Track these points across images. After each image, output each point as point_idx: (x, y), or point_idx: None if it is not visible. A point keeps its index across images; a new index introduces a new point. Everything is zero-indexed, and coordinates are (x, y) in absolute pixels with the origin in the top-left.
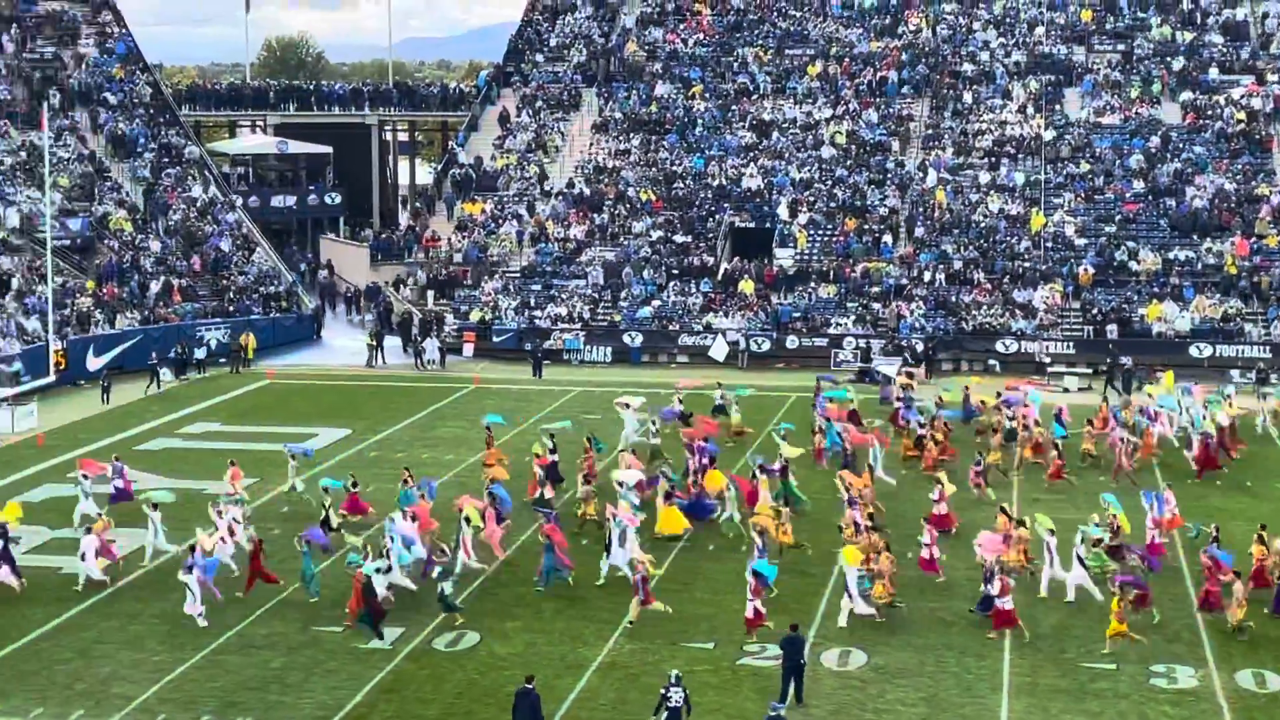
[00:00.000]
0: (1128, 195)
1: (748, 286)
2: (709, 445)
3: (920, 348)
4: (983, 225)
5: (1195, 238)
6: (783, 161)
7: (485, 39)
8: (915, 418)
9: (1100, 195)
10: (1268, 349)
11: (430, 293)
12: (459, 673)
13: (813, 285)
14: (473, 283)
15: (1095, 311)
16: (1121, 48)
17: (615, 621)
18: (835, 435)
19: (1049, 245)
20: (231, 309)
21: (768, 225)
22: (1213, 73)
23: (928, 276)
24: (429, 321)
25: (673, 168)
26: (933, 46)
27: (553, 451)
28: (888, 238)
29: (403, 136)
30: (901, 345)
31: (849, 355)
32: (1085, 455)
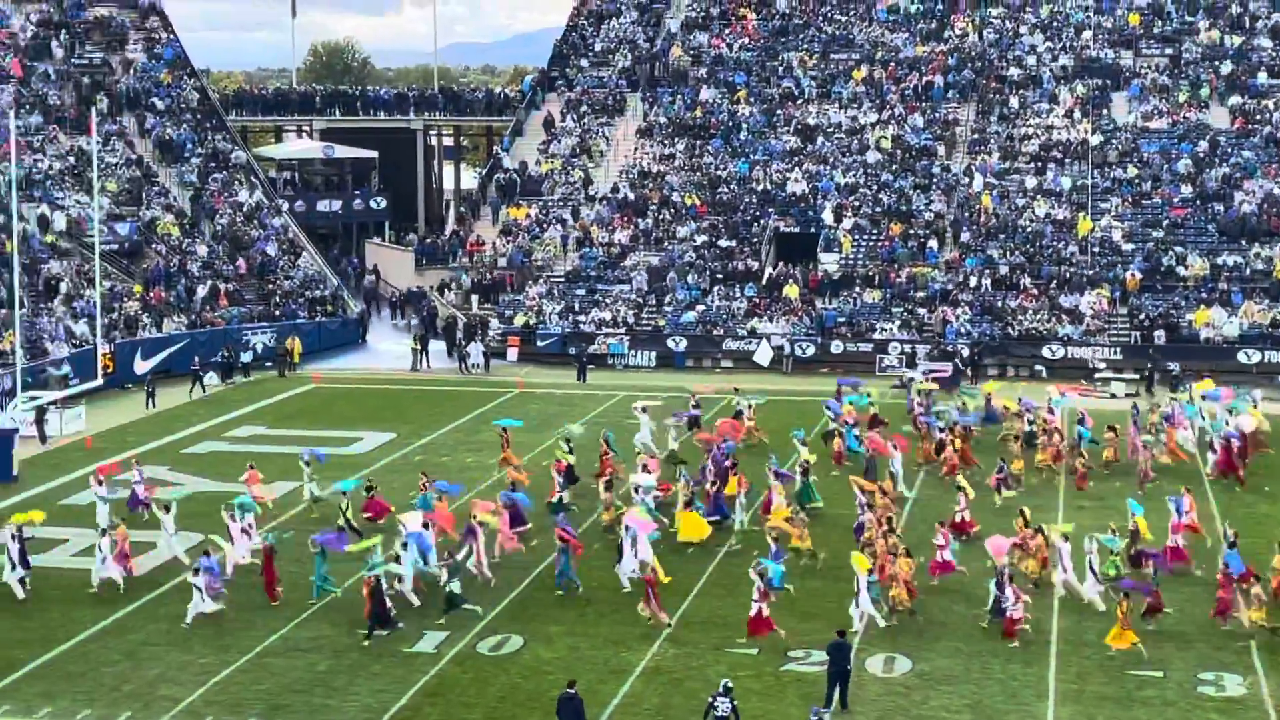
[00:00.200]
0: (1175, 200)
1: (792, 291)
2: (728, 444)
3: (966, 353)
4: (1029, 230)
5: (1243, 243)
6: (828, 166)
7: (530, 44)
8: (934, 423)
9: (1148, 200)
10: None
11: (475, 297)
12: (503, 677)
13: (858, 290)
14: (517, 287)
15: (1142, 317)
16: (1169, 52)
17: (657, 626)
18: (853, 439)
19: (1096, 250)
20: (277, 313)
21: (812, 230)
22: (1261, 77)
23: (973, 281)
24: (473, 326)
25: (717, 172)
26: (979, 51)
27: (569, 454)
28: (933, 243)
29: (448, 141)
30: (947, 351)
31: (894, 360)
32: (1107, 462)
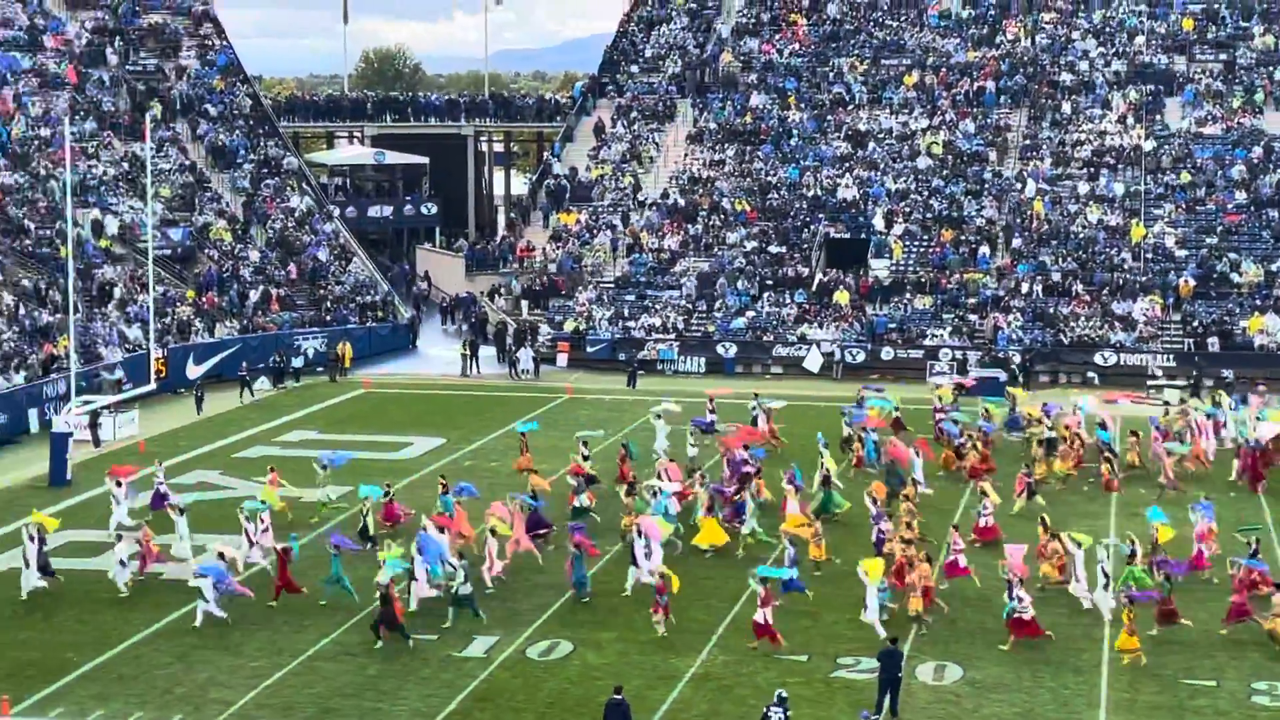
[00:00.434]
0: (1229, 206)
1: (842, 297)
2: (757, 452)
3: (1018, 360)
4: (1081, 236)
5: None
6: (878, 172)
7: (580, 50)
8: (952, 429)
9: (1201, 206)
10: None
11: (525, 303)
12: (551, 682)
13: (908, 296)
14: (567, 293)
15: (1196, 324)
16: (1224, 57)
17: (708, 632)
18: (872, 445)
19: (1149, 257)
20: (328, 318)
21: (863, 236)
22: None
23: (1025, 288)
24: (523, 331)
25: (767, 178)
26: (1031, 56)
27: (586, 459)
28: (985, 249)
29: (498, 147)
30: (999, 357)
31: (945, 367)
32: (1129, 466)
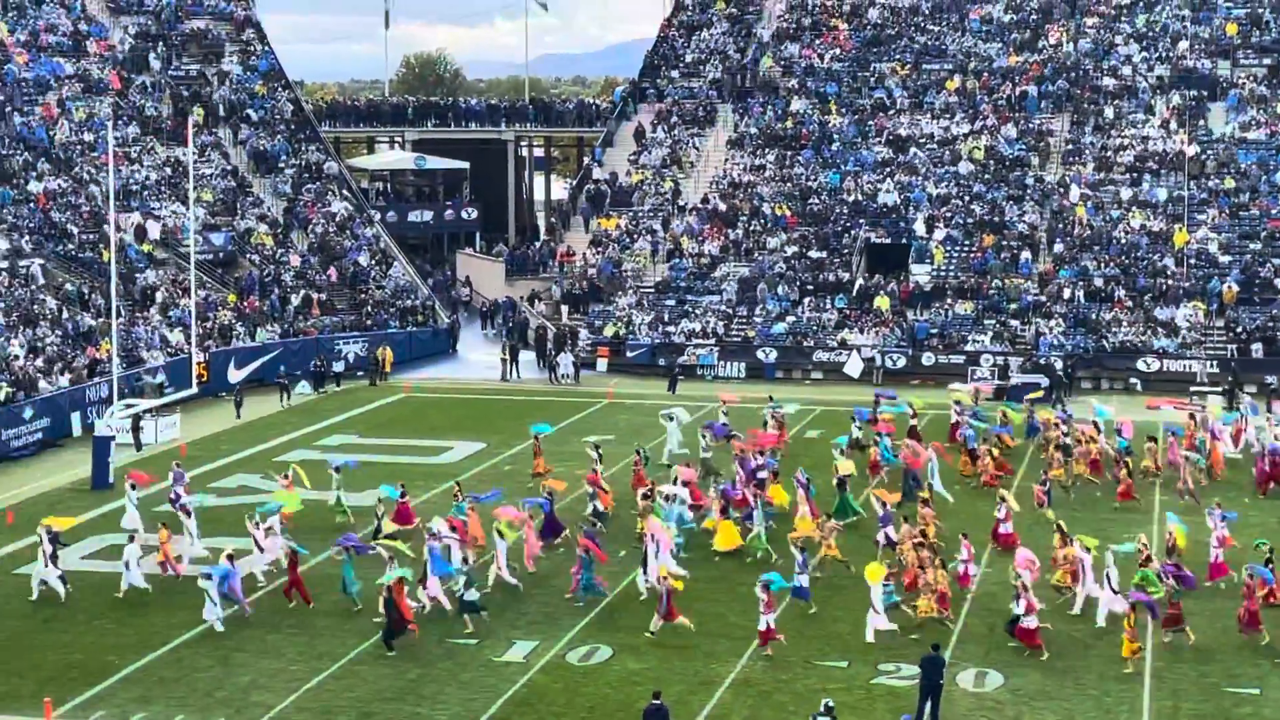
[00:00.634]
0: (1273, 211)
1: (883, 303)
2: (770, 460)
3: (1059, 366)
4: (1124, 242)
5: None
6: (919, 177)
7: (621, 55)
8: (969, 434)
9: (1245, 212)
10: None
11: (564, 307)
12: (591, 687)
13: (949, 302)
14: (607, 298)
15: (1239, 330)
16: (1268, 62)
17: (748, 638)
18: (886, 449)
19: (1192, 262)
20: (369, 323)
21: (904, 241)
22: None
23: (1067, 293)
24: (563, 336)
25: (808, 183)
26: (1073, 61)
27: (599, 463)
28: (1026, 254)
29: (539, 152)
30: (1040, 363)
31: (986, 373)
32: (1146, 472)
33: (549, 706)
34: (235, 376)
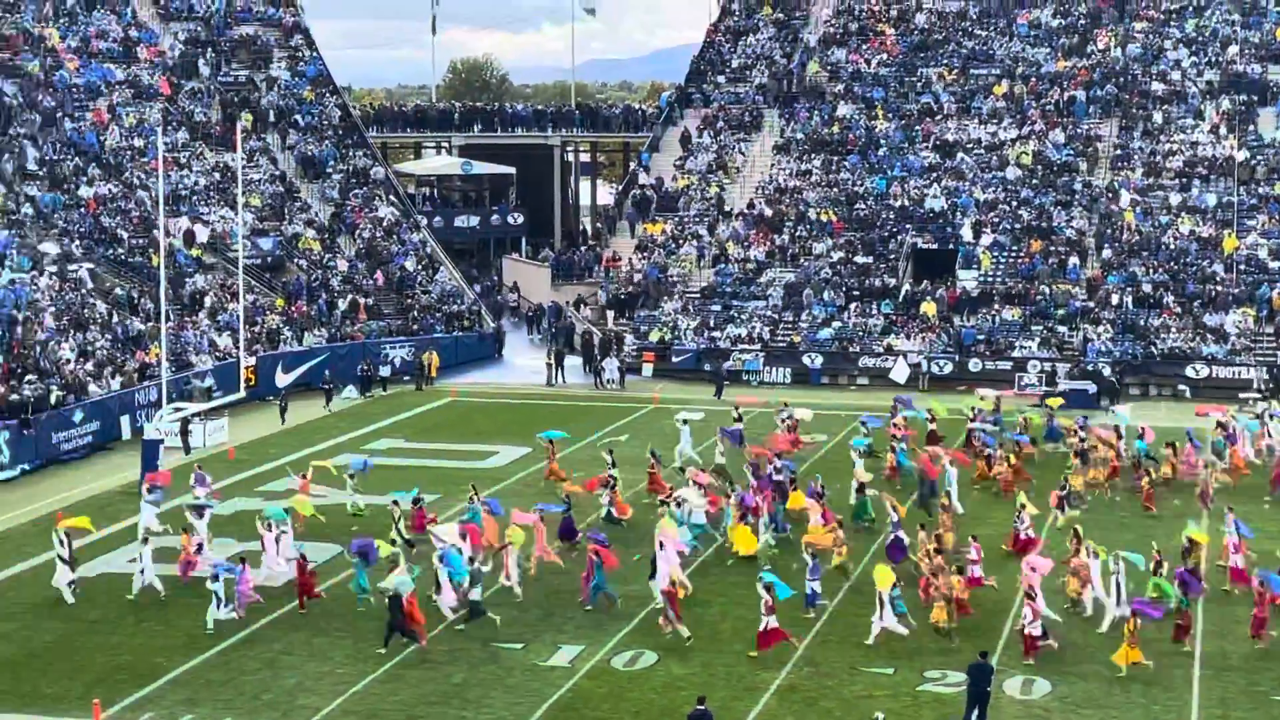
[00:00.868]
0: None
1: (930, 308)
2: (789, 465)
3: (1107, 372)
4: (1173, 248)
5: None
6: (967, 182)
7: (667, 60)
8: (988, 440)
9: None
10: None
11: (610, 312)
12: (636, 692)
13: (996, 307)
14: (653, 303)
15: None
16: None
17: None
18: (903, 455)
19: (1241, 268)
20: (415, 327)
21: (951, 246)
22: None
23: (1115, 299)
24: (609, 341)
25: (854, 188)
26: (1122, 65)
27: (613, 466)
28: (1074, 260)
29: (585, 157)
30: (1087, 369)
31: (1033, 379)
32: (1165, 479)
33: (594, 711)
34: (282, 381)
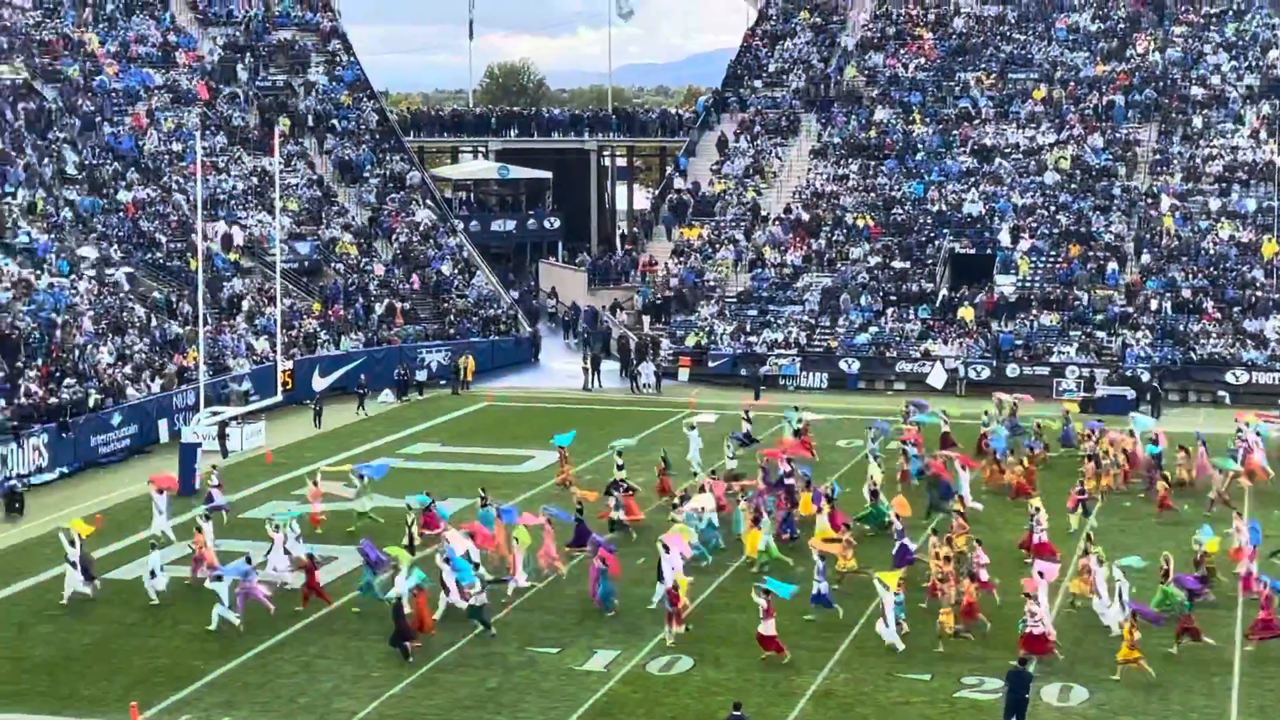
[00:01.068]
0: None
1: (967, 313)
2: (804, 469)
3: (1146, 378)
4: (1212, 253)
5: None
6: (1004, 187)
7: (704, 64)
8: (998, 444)
9: None
10: None
11: (646, 317)
12: (672, 697)
13: (1034, 312)
14: (689, 307)
15: None
16: None
17: (830, 649)
18: (916, 459)
19: None
20: (451, 332)
21: (989, 251)
22: None
23: (1154, 305)
24: (645, 346)
25: (892, 193)
26: (1161, 70)
27: (620, 469)
28: (1113, 265)
29: (621, 162)
30: (1126, 375)
31: (1071, 385)
32: (1180, 483)
33: (629, 716)
34: (319, 384)
